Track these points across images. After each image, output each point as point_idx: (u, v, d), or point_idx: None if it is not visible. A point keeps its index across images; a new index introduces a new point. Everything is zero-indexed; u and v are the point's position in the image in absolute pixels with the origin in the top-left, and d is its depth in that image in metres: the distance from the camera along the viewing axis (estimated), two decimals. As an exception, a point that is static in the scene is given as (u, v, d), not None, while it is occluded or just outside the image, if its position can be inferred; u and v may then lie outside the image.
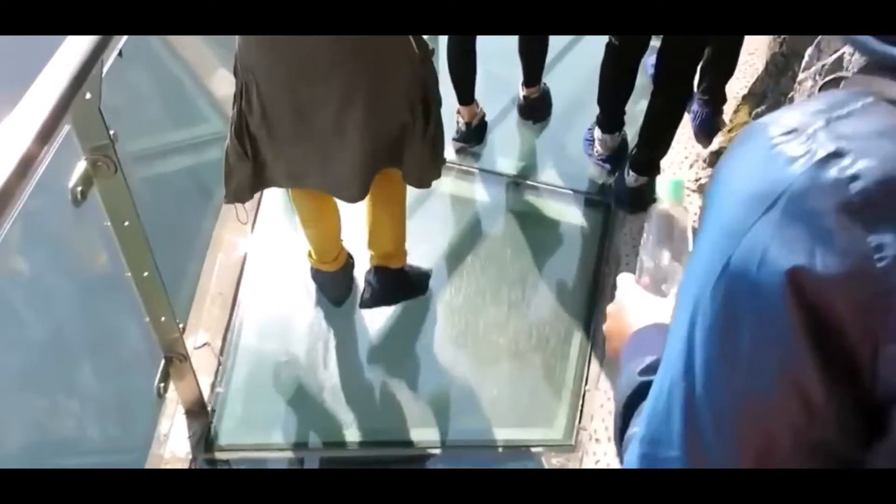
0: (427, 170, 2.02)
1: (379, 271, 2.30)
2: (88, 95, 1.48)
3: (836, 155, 0.49)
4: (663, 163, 2.62)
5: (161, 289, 1.88)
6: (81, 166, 1.56)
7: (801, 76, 1.98)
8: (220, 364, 2.33)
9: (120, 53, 1.57)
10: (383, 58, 1.79)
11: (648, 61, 2.68)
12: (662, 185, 0.99)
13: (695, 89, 2.73)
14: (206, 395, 2.20)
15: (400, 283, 2.33)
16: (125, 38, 1.57)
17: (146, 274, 1.83)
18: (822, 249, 0.49)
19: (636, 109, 2.69)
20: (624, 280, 0.99)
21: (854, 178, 0.48)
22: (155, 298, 1.90)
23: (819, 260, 0.49)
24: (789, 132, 0.52)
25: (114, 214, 1.69)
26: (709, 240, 0.56)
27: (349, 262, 2.38)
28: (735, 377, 0.54)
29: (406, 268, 2.34)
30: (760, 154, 0.53)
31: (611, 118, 2.76)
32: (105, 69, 1.49)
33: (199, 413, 2.19)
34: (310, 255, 2.35)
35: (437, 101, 1.95)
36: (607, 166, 2.82)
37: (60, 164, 1.48)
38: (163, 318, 1.94)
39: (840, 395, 0.52)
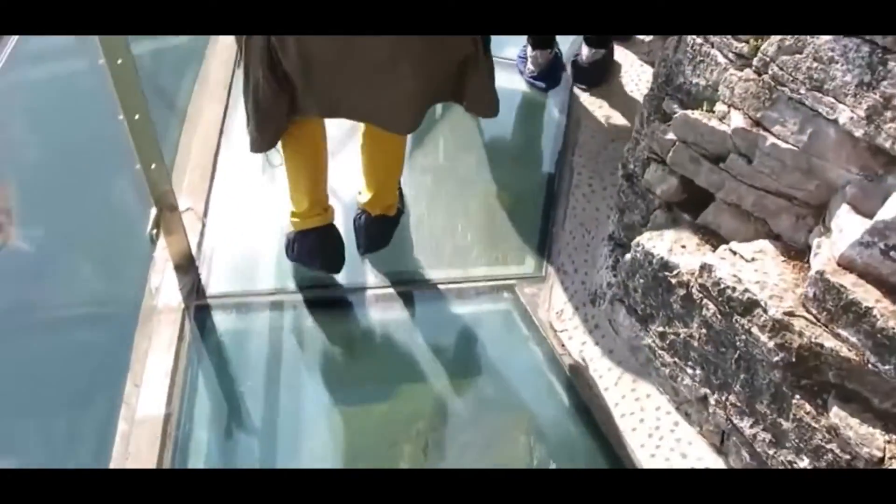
0: (493, 96, 1.99)
1: (378, 220, 2.22)
2: None
3: None
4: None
5: (152, 132, 1.98)
6: None
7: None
8: (203, 226, 2.43)
9: None
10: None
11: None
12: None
13: None
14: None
15: (393, 224, 2.28)
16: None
17: (138, 116, 1.91)
18: None
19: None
20: None
21: None
22: (146, 143, 1.99)
23: None
24: None
25: (108, 50, 1.77)
26: None
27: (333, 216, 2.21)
28: None
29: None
30: None
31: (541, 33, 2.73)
32: None
33: (188, 267, 2.30)
34: (294, 215, 2.18)
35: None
36: (541, 84, 2.78)
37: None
38: (153, 166, 2.04)
39: None
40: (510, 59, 2.85)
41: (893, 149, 1.35)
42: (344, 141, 2.44)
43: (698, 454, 1.83)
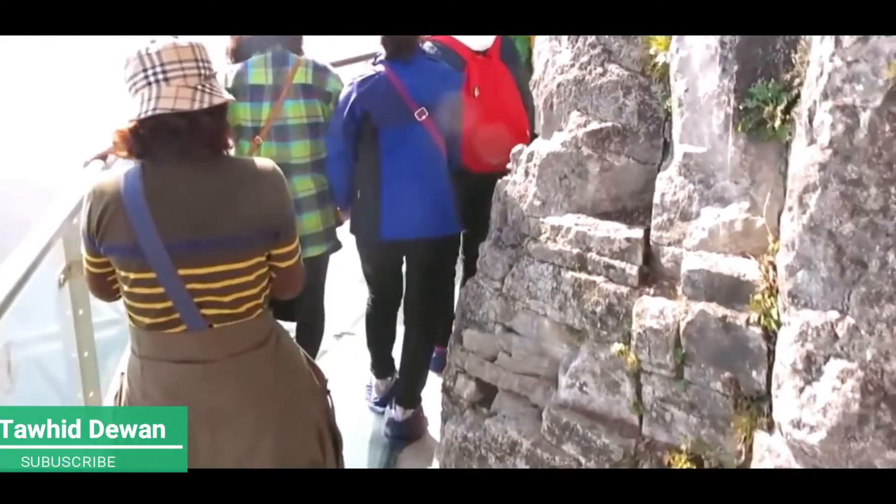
0: None
1: None
2: (75, 220, 2.38)
3: None
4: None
5: (95, 369, 2.65)
6: (62, 265, 2.43)
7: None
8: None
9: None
10: (290, 396, 1.79)
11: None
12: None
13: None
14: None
15: None
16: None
17: (86, 354, 2.61)
18: None
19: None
20: None
21: None
22: (90, 377, 2.65)
23: None
24: None
25: (75, 304, 2.53)
26: None
27: None
28: None
29: None
30: None
31: (382, 364, 3.31)
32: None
33: None
34: None
35: (340, 435, 1.95)
36: (379, 409, 3.30)
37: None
38: (91, 394, 2.67)
39: None
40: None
41: (582, 328, 2.18)
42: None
43: None
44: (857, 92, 1.45)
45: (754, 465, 1.68)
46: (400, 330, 3.32)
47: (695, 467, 1.86)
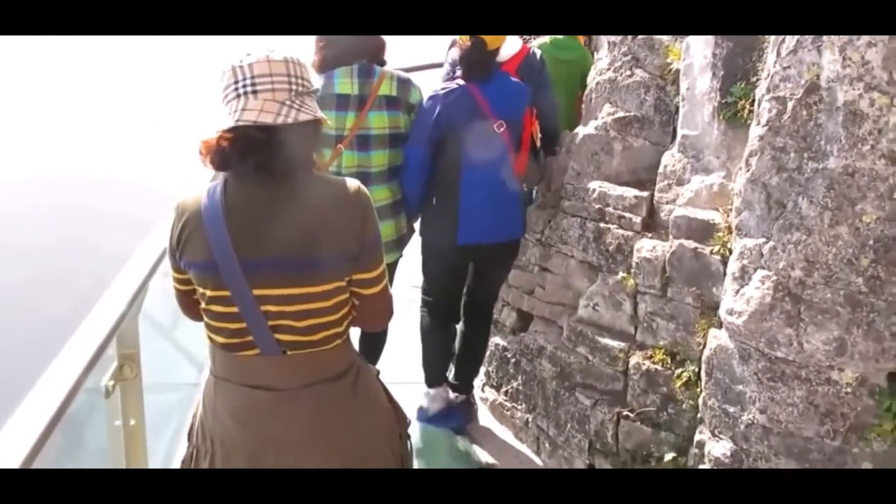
0: None
1: None
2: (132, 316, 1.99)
3: None
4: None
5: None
6: (113, 366, 2.01)
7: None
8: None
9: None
10: (364, 435, 1.72)
11: None
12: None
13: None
14: None
15: None
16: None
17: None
18: None
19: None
20: None
21: None
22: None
23: None
24: None
25: (126, 412, 2.08)
26: None
27: None
28: None
29: None
30: None
31: (439, 369, 3.28)
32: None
33: None
34: None
35: None
36: (442, 426, 3.23)
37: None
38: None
39: None
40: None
41: (598, 264, 2.89)
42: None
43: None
44: (787, 88, 2.13)
45: (706, 351, 2.36)
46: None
47: (669, 360, 2.55)
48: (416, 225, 3.18)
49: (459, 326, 3.28)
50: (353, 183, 1.66)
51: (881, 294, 2.00)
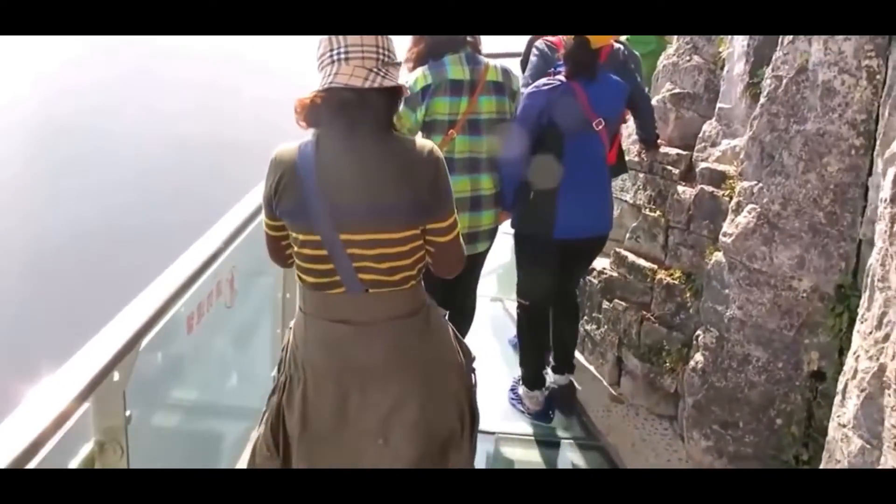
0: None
1: None
2: (117, 377, 1.63)
3: None
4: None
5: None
6: (87, 448, 1.61)
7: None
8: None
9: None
10: (436, 364, 1.89)
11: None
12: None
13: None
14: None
15: None
16: (166, 318, 1.89)
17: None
18: None
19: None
20: None
21: None
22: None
23: None
24: None
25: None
26: None
27: None
28: None
29: None
30: None
31: (534, 375, 3.41)
32: (142, 345, 1.71)
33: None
34: None
35: (478, 412, 2.01)
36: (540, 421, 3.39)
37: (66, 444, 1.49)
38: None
39: None
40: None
41: (638, 204, 3.64)
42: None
43: None
44: (784, 69, 2.84)
45: (707, 266, 3.09)
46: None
47: (684, 278, 3.30)
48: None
49: (551, 322, 3.40)
50: (426, 142, 1.83)
51: (835, 225, 2.69)
